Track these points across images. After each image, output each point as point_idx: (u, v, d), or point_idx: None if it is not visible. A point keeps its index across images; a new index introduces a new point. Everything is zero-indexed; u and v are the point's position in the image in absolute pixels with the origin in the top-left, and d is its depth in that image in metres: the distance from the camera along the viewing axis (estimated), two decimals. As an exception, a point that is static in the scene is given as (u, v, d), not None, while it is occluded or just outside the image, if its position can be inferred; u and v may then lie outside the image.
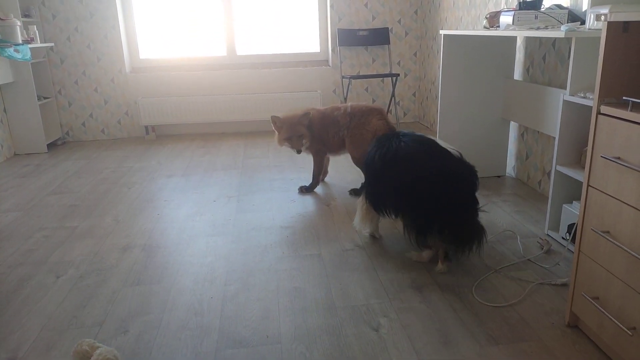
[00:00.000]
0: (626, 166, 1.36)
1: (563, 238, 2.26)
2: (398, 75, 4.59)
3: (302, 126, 2.98)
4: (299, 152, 3.03)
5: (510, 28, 2.44)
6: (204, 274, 2.14)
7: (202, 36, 4.87)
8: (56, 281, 2.11)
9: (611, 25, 1.43)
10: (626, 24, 1.43)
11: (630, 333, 1.37)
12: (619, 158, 1.41)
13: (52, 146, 4.57)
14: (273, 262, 2.22)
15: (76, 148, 4.51)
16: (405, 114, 5.19)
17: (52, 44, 4.51)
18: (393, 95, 4.78)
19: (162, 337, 1.72)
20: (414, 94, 5.14)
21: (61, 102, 4.71)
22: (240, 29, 4.89)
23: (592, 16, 2.07)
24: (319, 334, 1.71)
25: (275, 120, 3.00)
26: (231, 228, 2.60)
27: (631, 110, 1.37)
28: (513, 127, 3.27)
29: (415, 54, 5.02)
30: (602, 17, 1.42)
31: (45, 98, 4.50)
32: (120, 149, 4.39)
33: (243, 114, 4.82)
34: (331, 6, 4.79)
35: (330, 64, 4.95)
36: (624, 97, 1.42)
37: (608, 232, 1.47)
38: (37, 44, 4.17)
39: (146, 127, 4.78)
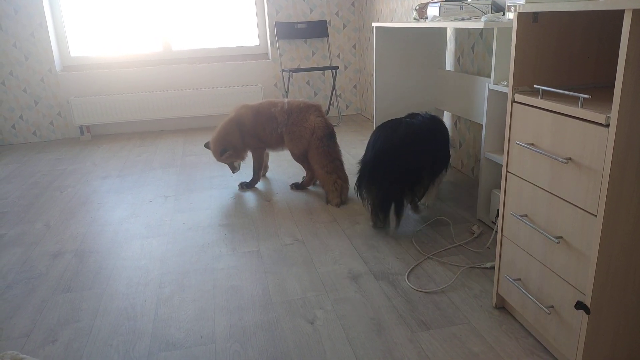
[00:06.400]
0: (538, 152, 1.41)
1: (493, 222, 2.34)
2: (337, 68, 4.62)
3: (227, 142, 3.03)
4: (242, 160, 3.17)
5: (437, 19, 2.49)
6: (137, 277, 2.08)
7: (136, 32, 4.72)
8: (-21, 293, 2.02)
9: (521, 16, 1.48)
10: (535, 15, 1.49)
11: (548, 311, 1.44)
12: (532, 144, 1.46)
13: (-21, 151, 4.34)
14: (210, 262, 2.19)
15: (6, 152, 4.29)
16: (347, 107, 5.22)
17: (-26, 43, 4.27)
18: (334, 88, 4.81)
19: (92, 344, 1.67)
20: (354, 87, 5.18)
21: (-13, 104, 4.48)
22: (176, 24, 4.78)
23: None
24: (254, 331, 1.70)
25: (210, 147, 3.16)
26: (167, 229, 2.55)
27: (542, 98, 1.42)
28: (447, 116, 3.35)
29: (354, 47, 5.05)
30: (513, 8, 1.47)
31: (-32, 100, 4.26)
32: (54, 151, 4.22)
33: (182, 110, 4.72)
34: (268, -1, 4.75)
35: (270, 58, 4.92)
36: (535, 85, 1.48)
37: (526, 215, 1.53)
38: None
39: (80, 128, 4.61)
